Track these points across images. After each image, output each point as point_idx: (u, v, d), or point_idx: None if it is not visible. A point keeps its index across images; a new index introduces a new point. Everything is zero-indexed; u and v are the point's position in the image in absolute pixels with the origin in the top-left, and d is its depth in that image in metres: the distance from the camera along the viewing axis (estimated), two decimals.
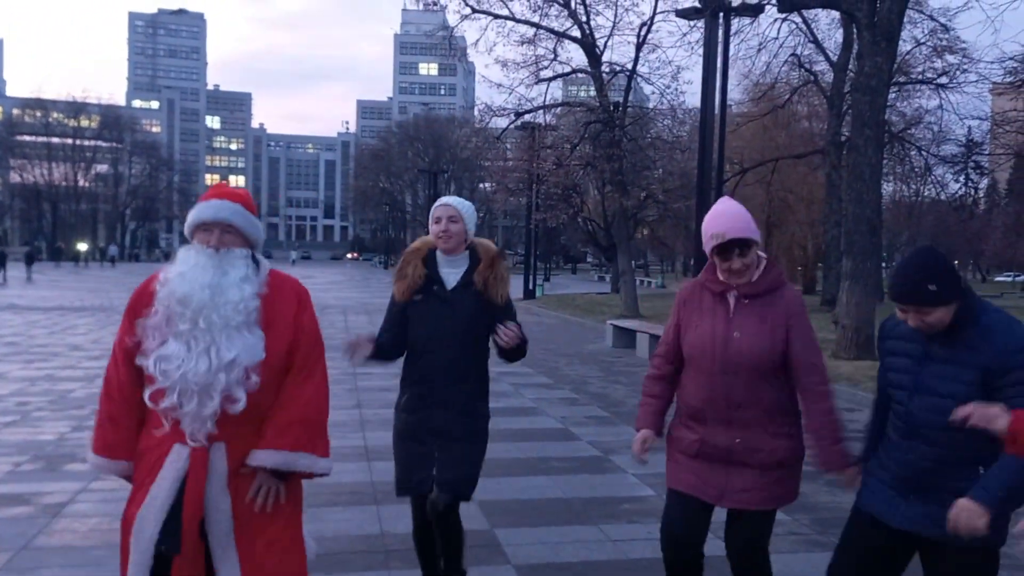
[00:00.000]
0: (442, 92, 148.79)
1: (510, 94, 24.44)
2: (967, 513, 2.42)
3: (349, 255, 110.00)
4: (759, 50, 27.29)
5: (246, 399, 2.52)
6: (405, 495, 3.54)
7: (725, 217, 3.01)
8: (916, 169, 35.10)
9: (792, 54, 28.29)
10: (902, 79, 27.05)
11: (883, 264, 45.99)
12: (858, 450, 2.97)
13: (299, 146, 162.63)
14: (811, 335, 3.05)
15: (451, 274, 3.52)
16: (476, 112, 31.53)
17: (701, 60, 14.99)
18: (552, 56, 24.35)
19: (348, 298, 29.83)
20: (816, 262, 39.76)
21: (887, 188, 38.90)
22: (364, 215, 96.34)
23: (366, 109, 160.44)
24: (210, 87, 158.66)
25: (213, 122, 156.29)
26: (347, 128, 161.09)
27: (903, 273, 2.56)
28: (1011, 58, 24.45)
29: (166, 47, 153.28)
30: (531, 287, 31.85)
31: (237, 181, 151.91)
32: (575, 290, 39.97)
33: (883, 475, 2.73)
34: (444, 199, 3.59)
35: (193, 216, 2.67)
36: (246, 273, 2.60)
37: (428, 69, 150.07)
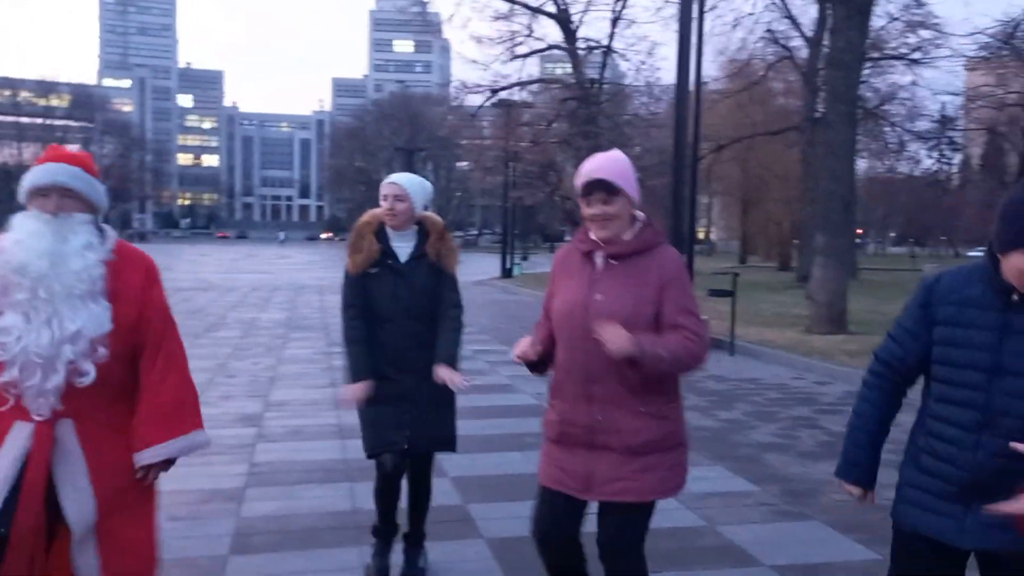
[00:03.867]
0: (418, 69, 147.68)
1: (485, 70, 24.36)
2: None
3: (324, 235, 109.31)
4: (734, 26, 27.30)
5: (95, 372, 2.41)
6: (379, 453, 3.63)
7: (599, 160, 2.74)
8: (890, 145, 35.31)
9: (767, 30, 28.31)
10: (876, 55, 27.13)
11: (857, 241, 46.40)
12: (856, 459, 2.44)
13: (273, 125, 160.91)
14: (687, 299, 2.68)
15: (402, 247, 3.66)
16: (452, 89, 31.33)
17: (676, 36, 14.93)
18: (527, 32, 24.26)
19: (324, 278, 29.66)
20: (792, 239, 40.02)
21: (862, 164, 39.10)
22: (340, 194, 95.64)
23: (341, 87, 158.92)
24: (182, 65, 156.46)
25: (185, 101, 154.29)
26: (322, 106, 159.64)
27: None
28: (984, 32, 24.60)
29: (137, 25, 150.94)
30: (508, 266, 31.83)
31: (210, 160, 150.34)
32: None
33: (931, 483, 2.26)
34: (391, 177, 3.72)
35: (28, 181, 2.48)
36: (88, 240, 2.46)
37: (403, 47, 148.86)
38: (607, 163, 2.70)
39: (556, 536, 2.79)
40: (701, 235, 65.85)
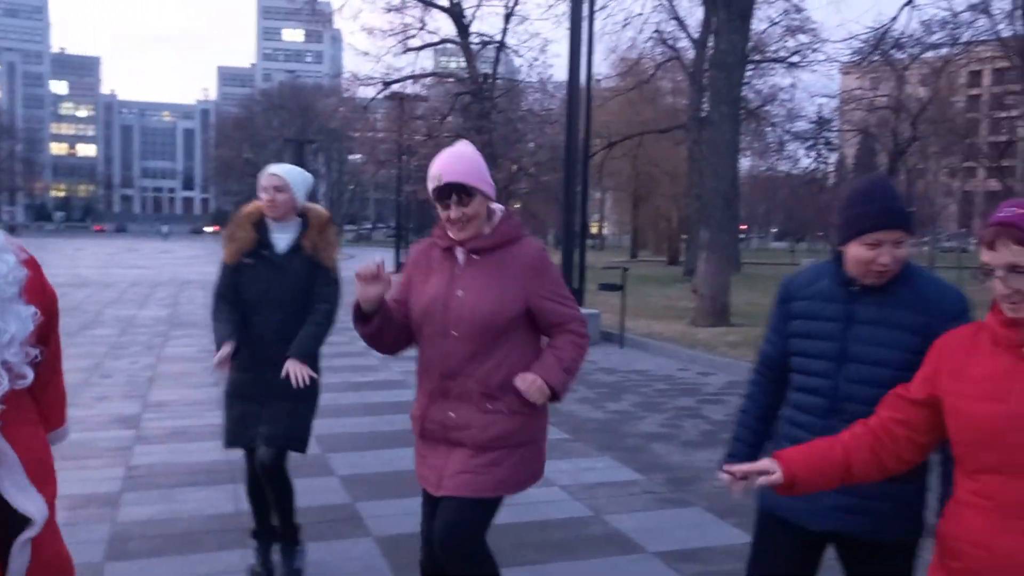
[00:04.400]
0: (308, 60, 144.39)
1: (377, 62, 24.11)
2: None
3: (209, 228, 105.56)
4: (624, 25, 28.11)
5: (32, 374, 2.33)
6: (234, 447, 3.67)
7: (447, 158, 2.64)
8: (771, 145, 36.84)
9: (656, 30, 29.08)
10: (757, 57, 28.26)
11: (741, 236, 48.17)
12: (735, 447, 2.54)
13: (154, 113, 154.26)
14: (559, 287, 2.68)
15: (281, 239, 3.60)
16: (343, 81, 30.79)
17: (568, 33, 15.13)
18: (420, 25, 24.11)
19: (209, 273, 28.67)
20: (680, 234, 41.26)
21: (745, 163, 40.68)
22: (226, 186, 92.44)
23: (227, 76, 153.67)
24: (55, 50, 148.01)
25: (59, 87, 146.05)
26: (207, 95, 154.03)
27: (879, 195, 2.18)
28: (856, 37, 25.94)
29: (5, 6, 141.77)
30: (402, 260, 31.58)
31: (86, 150, 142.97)
32: None
33: None
34: (271, 168, 3.66)
35: None
36: (1, 242, 2.32)
37: (293, 36, 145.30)
38: (456, 163, 2.61)
39: (429, 539, 2.76)
40: (594, 230, 67.05)
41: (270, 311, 3.54)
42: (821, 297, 2.32)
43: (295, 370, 3.44)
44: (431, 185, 2.63)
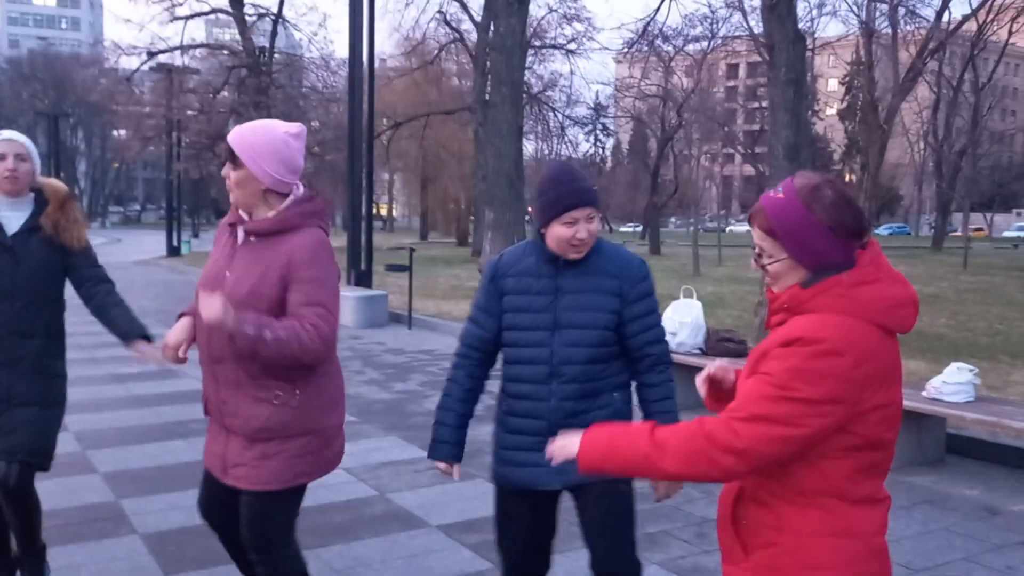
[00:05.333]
0: (63, 26, 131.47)
1: (141, 31, 22.35)
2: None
3: None
4: (408, 3, 27.73)
5: None
6: None
7: (245, 129, 2.57)
8: (553, 129, 38.16)
9: (439, 11, 29.14)
10: (537, 43, 29.11)
11: (526, 218, 49.71)
12: (448, 435, 2.63)
13: None
14: (317, 289, 2.45)
15: (12, 218, 3.05)
16: (103, 50, 28.29)
17: (348, 8, 14.79)
18: None
19: None
20: (469, 215, 41.80)
21: (530, 146, 41.87)
22: None
23: None
24: None
25: None
26: None
27: (567, 179, 2.39)
28: (626, 27, 27.38)
29: None
30: (175, 243, 29.69)
31: None
32: None
33: (518, 440, 2.50)
34: (8, 133, 3.12)
35: None
36: None
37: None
38: (240, 131, 2.54)
39: (213, 521, 2.76)
40: (383, 211, 66.44)
41: (5, 305, 2.98)
42: (530, 273, 2.50)
43: (147, 349, 2.98)
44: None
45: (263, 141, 2.47)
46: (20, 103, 64.71)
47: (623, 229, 77.82)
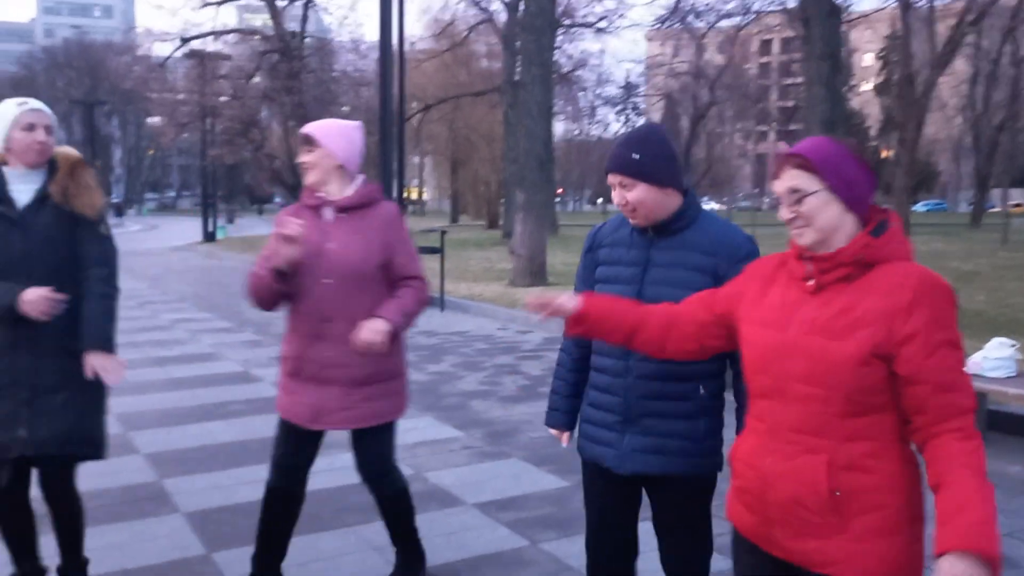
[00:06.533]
0: (96, 14, 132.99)
1: (174, 16, 22.55)
2: None
3: None
4: None
5: None
6: None
7: (318, 121, 3.13)
8: (583, 109, 37.96)
9: None
10: (567, 22, 28.88)
11: (557, 199, 49.56)
12: (559, 405, 2.63)
13: None
14: (409, 248, 3.08)
15: (23, 191, 2.88)
16: (137, 37, 28.56)
17: None
18: None
19: None
20: (499, 198, 41.77)
21: (559, 127, 41.72)
22: None
23: (3, 31, 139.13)
24: None
25: None
26: None
27: (617, 144, 2.38)
28: (657, 3, 27.11)
29: None
30: (211, 229, 30.03)
31: None
32: (261, 232, 38.46)
33: (597, 415, 2.45)
34: (36, 104, 2.93)
35: None
36: None
37: None
38: (321, 123, 3.06)
39: (288, 464, 3.11)
40: (414, 195, 66.60)
41: (18, 282, 2.76)
42: (624, 244, 2.43)
43: (101, 363, 2.80)
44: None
45: (335, 126, 3.05)
46: (56, 92, 65.66)
47: None
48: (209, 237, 29.63)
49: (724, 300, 2.00)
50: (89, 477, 3.24)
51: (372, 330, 2.86)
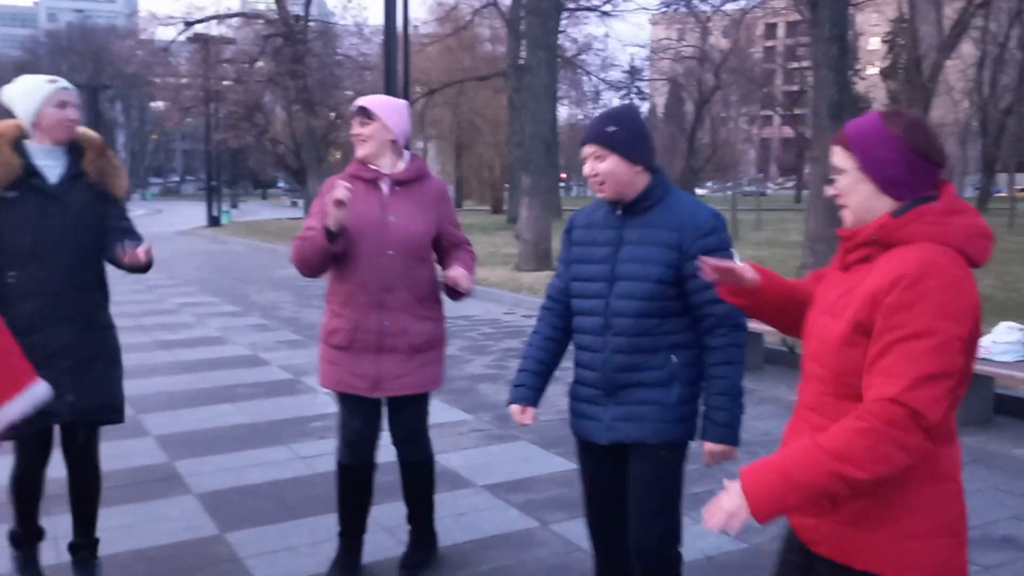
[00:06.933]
0: None
1: (178, 1, 22.41)
2: (723, 457, 2.42)
3: None
4: None
5: None
6: (28, 430, 2.79)
7: (372, 96, 3.26)
8: (588, 93, 37.78)
9: None
10: (572, 5, 28.72)
11: (562, 184, 49.45)
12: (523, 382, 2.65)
13: None
14: (455, 219, 3.29)
15: (51, 166, 2.98)
16: (140, 21, 28.48)
17: None
18: None
19: None
20: (503, 182, 41.66)
21: (563, 111, 41.54)
22: None
23: (5, 16, 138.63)
24: None
25: None
26: None
27: (593, 119, 2.53)
28: None
29: None
30: (215, 214, 30.03)
31: None
32: (265, 216, 38.47)
33: (582, 391, 2.54)
34: (64, 81, 3.05)
35: None
36: None
37: None
38: (375, 97, 3.19)
39: (360, 439, 3.21)
40: None
41: (56, 256, 2.90)
42: (598, 225, 2.52)
43: (134, 253, 2.84)
44: (352, 109, 3.17)
45: (389, 102, 3.17)
46: (60, 75, 65.48)
47: None
48: (214, 222, 29.64)
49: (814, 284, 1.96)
50: (102, 459, 3.25)
51: (462, 275, 3.08)
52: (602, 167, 2.40)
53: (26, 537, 3.16)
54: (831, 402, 1.68)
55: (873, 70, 65.09)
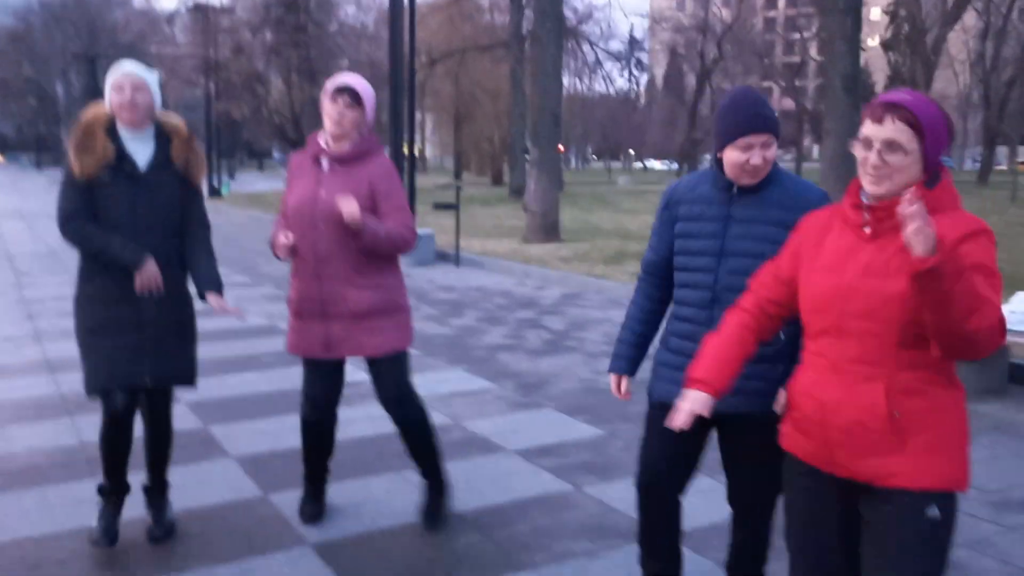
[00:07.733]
0: None
1: None
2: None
3: None
4: None
5: None
6: (106, 389, 3.12)
7: (355, 77, 3.33)
8: (588, 64, 37.59)
9: None
10: None
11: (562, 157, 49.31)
12: (624, 354, 2.72)
13: None
14: (397, 198, 3.29)
15: (140, 151, 3.16)
16: None
17: None
18: None
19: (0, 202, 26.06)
20: (503, 154, 41.52)
21: (563, 82, 41.26)
22: (5, 109, 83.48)
23: None
24: None
25: None
26: None
27: (744, 104, 2.39)
28: None
29: None
30: (216, 185, 29.95)
31: None
32: (264, 187, 38.34)
33: (676, 360, 2.55)
34: (126, 64, 3.19)
35: None
36: None
37: None
38: (363, 84, 3.26)
39: (316, 395, 3.45)
40: (416, 151, 66.04)
41: (143, 236, 3.12)
42: (703, 200, 2.53)
43: (221, 304, 3.20)
44: (332, 84, 3.26)
45: (369, 88, 3.29)
46: (54, 45, 64.91)
47: (658, 167, 76.85)
48: (214, 193, 29.57)
49: (788, 264, 2.09)
50: (137, 424, 3.32)
51: (348, 203, 3.07)
52: (769, 154, 2.41)
53: (112, 491, 3.35)
54: (892, 353, 1.86)
55: (873, 42, 64.76)
